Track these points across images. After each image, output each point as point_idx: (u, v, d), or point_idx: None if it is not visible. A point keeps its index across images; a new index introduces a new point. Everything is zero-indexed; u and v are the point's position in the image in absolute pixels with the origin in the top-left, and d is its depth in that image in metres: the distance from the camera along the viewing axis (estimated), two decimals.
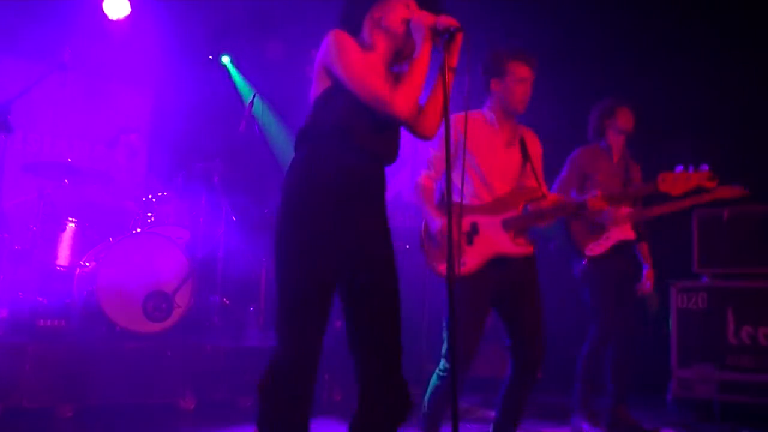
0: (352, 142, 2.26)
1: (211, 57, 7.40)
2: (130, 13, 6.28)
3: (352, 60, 2.25)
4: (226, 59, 7.49)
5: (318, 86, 2.34)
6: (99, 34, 6.29)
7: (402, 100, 2.23)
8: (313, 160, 2.26)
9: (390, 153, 2.37)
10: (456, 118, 3.09)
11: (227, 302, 5.30)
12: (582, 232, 4.12)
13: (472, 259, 3.05)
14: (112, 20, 6.24)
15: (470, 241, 3.07)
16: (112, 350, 4.08)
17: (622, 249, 4.07)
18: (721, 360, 4.49)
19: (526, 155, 3.23)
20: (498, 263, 3.05)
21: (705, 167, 3.15)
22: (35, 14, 6.02)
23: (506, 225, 3.08)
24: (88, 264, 4.68)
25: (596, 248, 4.05)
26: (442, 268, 3.04)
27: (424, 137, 2.44)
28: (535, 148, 3.29)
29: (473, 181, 3.14)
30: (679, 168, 3.17)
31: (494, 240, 3.07)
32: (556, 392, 4.83)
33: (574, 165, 4.18)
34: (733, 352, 4.48)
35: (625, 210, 4.06)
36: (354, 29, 2.42)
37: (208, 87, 7.00)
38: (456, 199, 2.99)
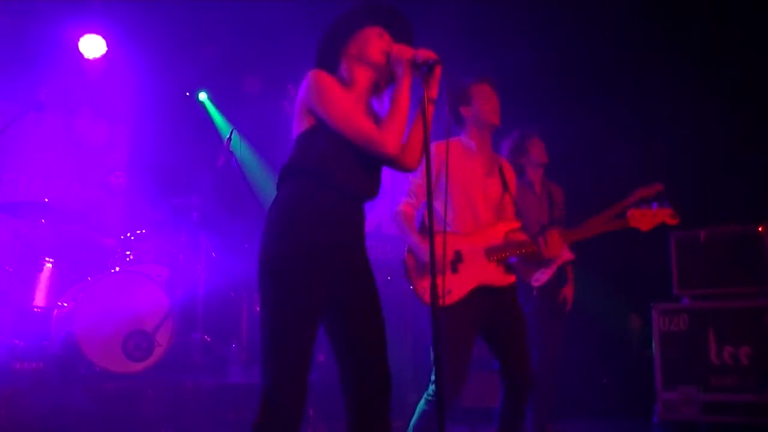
0: (334, 181, 2.29)
1: (188, 94, 7.41)
2: (106, 52, 6.29)
3: (337, 101, 2.28)
4: (203, 95, 7.50)
5: (299, 124, 2.36)
6: (75, 73, 6.28)
7: (390, 138, 2.28)
8: (296, 199, 2.29)
9: (372, 190, 2.41)
10: (436, 146, 3.15)
11: (208, 339, 5.23)
12: (523, 264, 4.10)
13: (458, 288, 3.08)
14: (88, 59, 6.24)
15: (455, 269, 3.10)
16: (91, 391, 4.00)
17: (560, 275, 4.15)
18: (704, 381, 4.51)
19: (505, 184, 3.31)
20: (482, 292, 3.09)
21: (667, 204, 3.36)
22: (10, 54, 6.00)
23: (489, 254, 3.12)
24: (66, 304, 4.61)
25: (542, 276, 4.07)
26: (428, 297, 3.05)
27: (408, 170, 2.48)
28: (512, 177, 3.39)
29: (456, 208, 3.18)
30: (644, 205, 3.37)
31: (479, 269, 3.11)
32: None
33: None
34: (717, 373, 4.50)
35: (555, 231, 4.09)
36: (331, 66, 2.46)
37: (185, 124, 7.01)
38: (439, 227, 3.02)
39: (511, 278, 3.17)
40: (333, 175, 2.28)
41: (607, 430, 5.38)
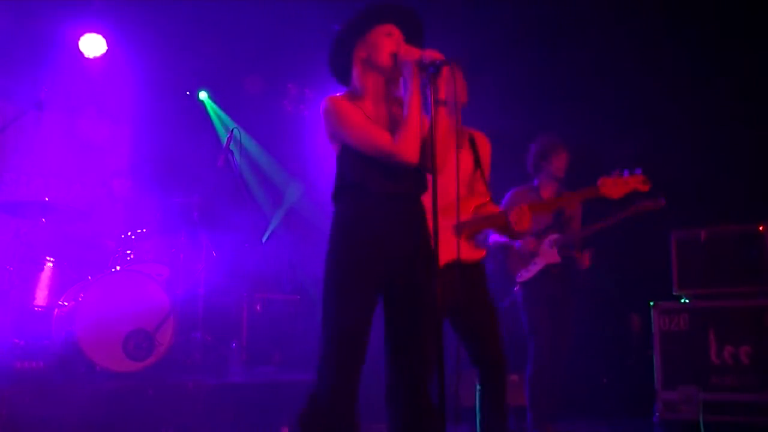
0: (375, 192, 2.43)
1: (188, 93, 7.41)
2: (107, 51, 6.29)
3: (351, 125, 2.41)
4: (203, 95, 7.50)
5: (335, 146, 2.51)
6: (75, 73, 6.28)
7: (406, 147, 2.39)
8: (344, 216, 2.46)
9: (415, 185, 2.53)
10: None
11: (209, 339, 5.24)
12: (515, 259, 4.28)
13: None
14: (88, 58, 6.24)
15: None
16: (92, 391, 4.00)
17: (549, 273, 4.23)
18: (704, 380, 4.51)
19: (477, 159, 3.25)
20: (451, 268, 3.02)
21: (638, 171, 3.29)
22: (10, 53, 6.00)
23: (458, 229, 3.09)
24: (66, 304, 4.61)
25: (525, 274, 4.22)
26: None
27: (429, 170, 2.52)
28: (484, 148, 3.32)
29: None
30: (616, 172, 3.29)
31: (448, 246, 3.02)
32: None
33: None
34: (717, 372, 4.50)
35: (552, 236, 4.19)
36: (343, 68, 2.55)
37: (185, 123, 7.00)
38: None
39: (480, 253, 3.12)
40: (371, 186, 2.42)
41: (607, 430, 5.38)
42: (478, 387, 3.09)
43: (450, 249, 3.04)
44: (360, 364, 2.35)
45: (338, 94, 2.49)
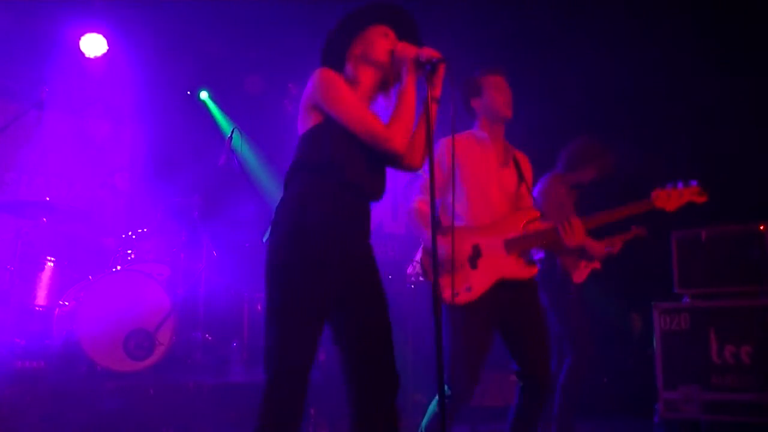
0: (341, 177, 2.29)
1: (189, 92, 7.41)
2: (108, 50, 6.29)
3: (345, 98, 2.29)
4: (204, 94, 7.50)
5: (305, 123, 2.36)
6: (76, 72, 6.29)
7: (398, 136, 2.29)
8: (303, 196, 2.28)
9: (378, 189, 2.41)
10: (447, 141, 3.08)
11: (209, 338, 5.24)
12: (570, 259, 4.10)
13: (478, 284, 2.99)
14: (89, 58, 6.24)
15: (474, 265, 3.01)
16: (93, 390, 4.01)
17: (590, 278, 4.14)
18: (705, 380, 4.50)
19: (521, 175, 3.22)
20: (503, 286, 3.01)
21: (694, 183, 3.19)
22: (12, 53, 6.00)
23: (509, 246, 3.03)
24: (67, 303, 4.61)
25: (581, 275, 4.08)
26: (448, 294, 2.95)
27: (412, 169, 2.48)
28: (528, 170, 3.29)
29: (471, 202, 3.10)
30: (670, 185, 3.20)
31: (499, 263, 3.01)
32: None
33: (551, 196, 4.10)
34: (718, 372, 4.49)
35: (577, 220, 4.03)
36: (336, 66, 2.46)
37: (186, 122, 7.00)
38: (457, 222, 2.99)
39: (533, 270, 3.07)
40: (340, 172, 2.29)
41: (608, 430, 5.38)
42: (517, 394, 3.06)
43: (502, 266, 3.02)
44: (307, 360, 2.20)
45: None
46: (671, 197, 3.17)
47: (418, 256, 3.20)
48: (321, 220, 2.25)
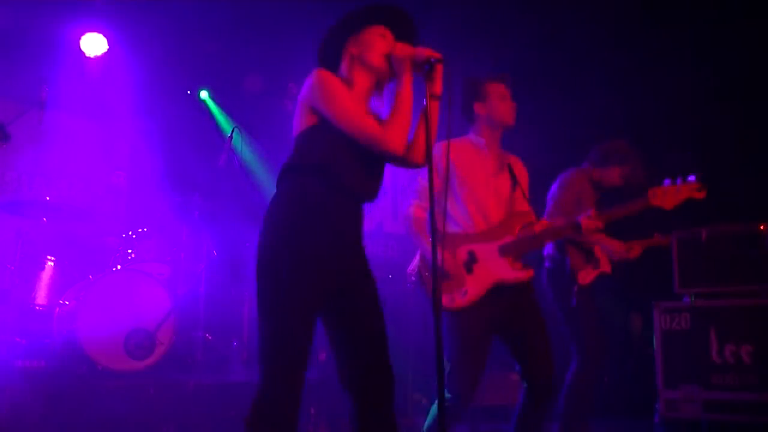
0: (335, 179, 2.28)
1: (189, 92, 7.41)
2: (108, 50, 6.30)
3: (342, 99, 2.28)
4: (204, 94, 7.51)
5: (301, 123, 2.36)
6: (76, 72, 6.29)
7: (394, 137, 2.28)
8: (295, 197, 2.28)
9: (372, 191, 2.40)
10: (442, 146, 3.08)
11: (210, 338, 5.24)
12: (578, 259, 4.06)
13: (473, 288, 3.03)
14: (89, 57, 6.24)
15: (470, 270, 3.05)
16: (93, 390, 4.01)
17: (600, 280, 4.06)
18: (706, 379, 4.50)
19: (514, 180, 3.24)
20: (499, 290, 3.04)
21: (692, 178, 3.12)
22: (12, 52, 6.01)
23: (503, 251, 3.07)
24: (67, 303, 4.61)
25: (588, 276, 4.03)
26: (446, 300, 3.00)
27: (415, 165, 2.48)
28: (522, 174, 3.31)
29: (468, 208, 3.13)
30: (667, 181, 3.14)
31: (494, 267, 3.05)
32: None
33: (573, 188, 4.06)
34: (718, 371, 4.49)
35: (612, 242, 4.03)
36: (332, 65, 2.46)
37: (186, 122, 7.00)
38: (449, 227, 3.01)
39: (529, 273, 3.08)
40: (334, 174, 2.28)
41: (609, 429, 5.38)
42: (521, 396, 3.07)
43: (497, 270, 3.04)
44: (307, 360, 2.20)
45: None
46: (668, 194, 3.12)
47: (415, 263, 3.21)
48: (311, 222, 2.24)
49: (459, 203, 3.13)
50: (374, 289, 2.38)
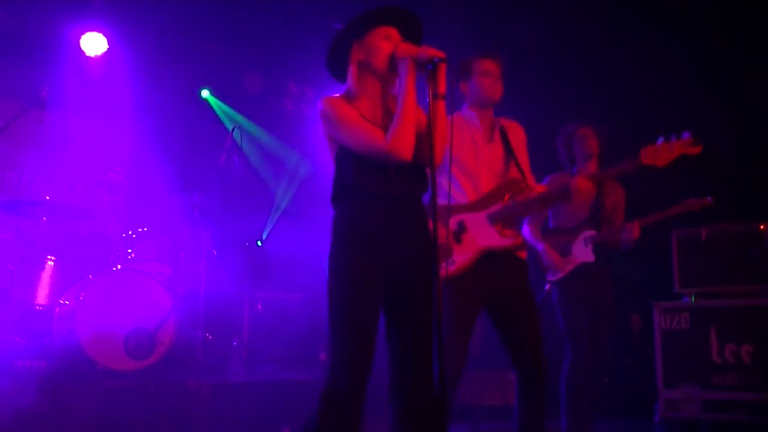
0: (371, 190, 2.42)
1: (189, 92, 7.41)
2: (108, 49, 6.30)
3: (345, 126, 2.40)
4: (205, 92, 7.51)
5: (332, 147, 2.50)
6: (77, 71, 6.29)
7: (398, 144, 2.36)
8: (343, 215, 2.46)
9: (415, 186, 2.51)
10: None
11: (210, 337, 5.24)
12: (553, 256, 4.00)
13: (461, 256, 3.01)
14: (89, 57, 6.25)
15: (458, 240, 3.03)
16: (93, 390, 4.01)
17: (586, 273, 3.95)
18: (706, 379, 4.51)
19: (508, 148, 3.19)
20: (489, 259, 3.00)
21: (686, 134, 2.99)
22: (12, 52, 6.01)
23: (492, 218, 3.04)
24: (67, 302, 4.61)
25: (557, 273, 3.97)
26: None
27: (434, 166, 2.50)
28: (518, 137, 3.25)
29: (459, 180, 3.12)
30: (660, 139, 3.01)
31: (481, 235, 3.02)
32: None
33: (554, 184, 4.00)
34: (718, 371, 4.50)
35: (587, 233, 3.96)
36: (340, 71, 2.54)
37: (187, 121, 7.01)
38: (442, 201, 2.99)
39: (518, 241, 3.03)
40: (368, 186, 2.41)
41: (609, 429, 5.37)
42: (516, 389, 3.03)
43: (485, 237, 3.01)
44: (370, 363, 2.36)
45: (335, 95, 2.48)
46: (660, 152, 2.98)
47: None
48: (366, 229, 2.41)
49: (452, 178, 3.11)
50: (429, 285, 2.44)
